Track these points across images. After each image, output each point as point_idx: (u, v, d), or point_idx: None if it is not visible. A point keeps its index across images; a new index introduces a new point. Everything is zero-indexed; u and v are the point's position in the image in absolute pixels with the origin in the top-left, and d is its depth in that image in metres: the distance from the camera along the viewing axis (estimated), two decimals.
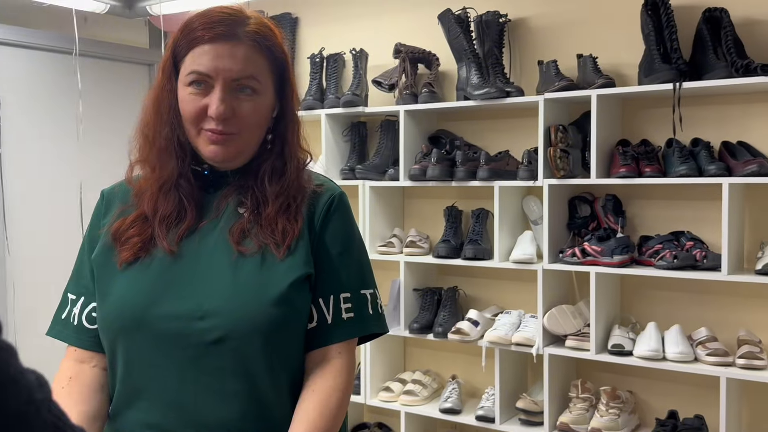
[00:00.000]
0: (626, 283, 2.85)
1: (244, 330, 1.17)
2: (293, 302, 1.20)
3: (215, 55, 1.19)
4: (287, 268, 1.20)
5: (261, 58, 1.22)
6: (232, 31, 1.19)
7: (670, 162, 2.59)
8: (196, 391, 1.18)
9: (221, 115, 1.19)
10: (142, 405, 1.21)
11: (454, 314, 3.02)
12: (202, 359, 1.17)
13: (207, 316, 1.17)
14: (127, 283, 1.22)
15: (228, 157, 1.23)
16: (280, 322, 1.18)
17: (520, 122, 3.01)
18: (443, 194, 3.19)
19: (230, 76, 1.19)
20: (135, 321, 1.19)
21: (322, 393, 1.22)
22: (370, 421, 3.41)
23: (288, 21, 3.56)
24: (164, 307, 1.19)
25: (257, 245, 1.21)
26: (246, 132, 1.22)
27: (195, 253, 1.23)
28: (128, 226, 1.25)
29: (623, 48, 2.79)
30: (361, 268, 1.29)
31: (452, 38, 2.95)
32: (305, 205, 1.26)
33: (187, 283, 1.20)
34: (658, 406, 2.78)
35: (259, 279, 1.19)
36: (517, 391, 2.93)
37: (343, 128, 3.33)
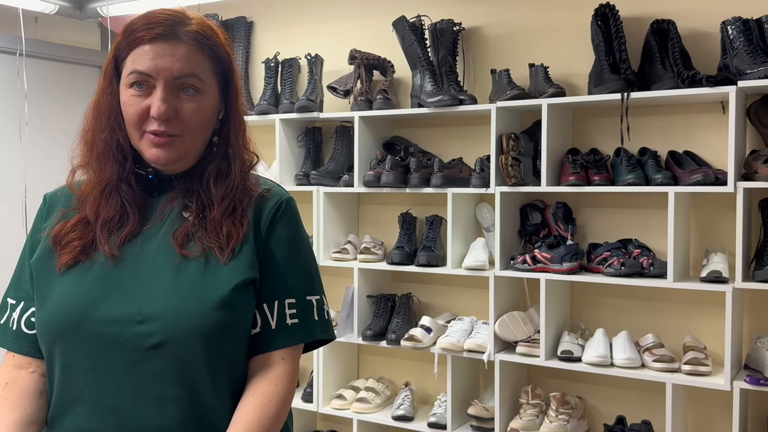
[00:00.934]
0: (576, 289, 2.88)
1: (184, 334, 1.15)
2: (236, 306, 1.18)
3: (155, 54, 1.18)
4: (230, 271, 1.19)
5: (203, 57, 1.21)
6: (173, 30, 1.19)
7: (618, 171, 2.63)
8: (135, 396, 1.15)
9: (162, 115, 1.17)
10: (80, 411, 1.18)
11: (408, 321, 3.02)
12: (141, 364, 1.15)
13: (146, 321, 1.15)
14: (66, 286, 1.20)
15: (171, 159, 1.21)
16: (222, 327, 1.17)
17: (473, 130, 3.03)
18: (398, 201, 3.19)
19: (170, 74, 1.18)
20: (73, 325, 1.17)
21: (261, 397, 1.20)
22: (323, 429, 3.39)
23: (243, 25, 3.54)
24: (103, 311, 1.17)
25: (201, 249, 1.20)
26: (189, 133, 1.21)
27: (137, 257, 1.21)
28: (69, 229, 1.23)
29: (574, 58, 2.83)
30: (307, 273, 1.28)
31: (406, 45, 2.96)
32: (251, 209, 1.24)
33: (128, 286, 1.18)
34: (607, 412, 2.82)
35: (202, 282, 1.18)
36: (469, 397, 2.94)
37: (298, 133, 3.31)
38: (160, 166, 1.23)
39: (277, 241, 1.25)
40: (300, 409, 3.21)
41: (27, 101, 3.10)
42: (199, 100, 1.20)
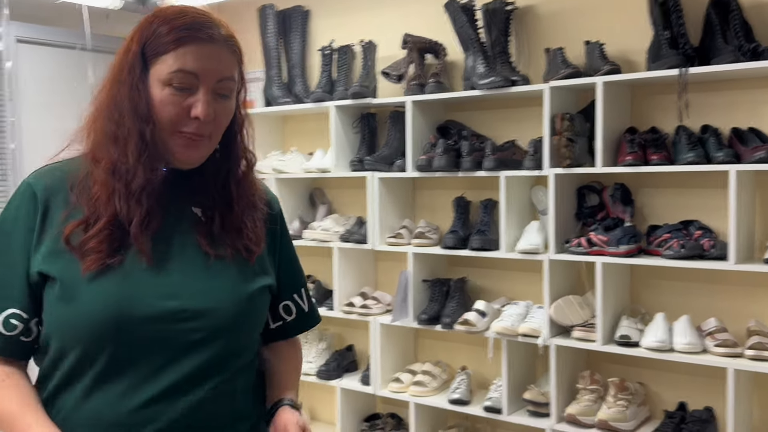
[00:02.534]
0: (636, 273, 2.80)
1: (227, 328, 1.22)
2: (260, 303, 1.30)
3: (201, 55, 1.18)
4: (256, 273, 1.29)
5: (234, 60, 1.24)
6: (216, 34, 1.20)
7: (678, 149, 2.54)
8: (189, 391, 1.18)
9: (208, 117, 1.18)
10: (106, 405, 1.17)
11: (463, 305, 3.01)
12: (180, 359, 1.18)
13: (191, 318, 1.19)
14: (99, 289, 1.16)
15: (202, 159, 1.24)
16: (256, 320, 1.29)
17: (528, 111, 2.97)
18: (453, 185, 3.17)
19: (216, 77, 1.19)
20: (115, 326, 1.15)
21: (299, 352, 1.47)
22: (383, 411, 3.42)
23: (300, 14, 3.57)
24: (144, 310, 1.16)
25: (229, 250, 1.26)
26: (217, 134, 1.24)
27: (164, 256, 1.21)
28: (94, 234, 1.17)
29: (632, 34, 2.74)
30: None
31: (458, 27, 2.93)
32: (266, 209, 1.34)
33: (166, 285, 1.19)
34: (669, 398, 2.74)
35: (236, 281, 1.25)
36: (526, 382, 2.91)
37: (353, 120, 3.33)
38: (188, 165, 1.23)
39: (286, 240, 1.40)
40: (358, 391, 3.25)
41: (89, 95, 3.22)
42: (229, 103, 1.24)
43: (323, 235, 3.30)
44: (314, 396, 3.63)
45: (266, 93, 3.56)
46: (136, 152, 1.18)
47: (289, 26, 3.58)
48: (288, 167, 3.43)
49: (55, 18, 3.44)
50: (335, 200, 3.58)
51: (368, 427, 3.31)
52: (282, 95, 3.49)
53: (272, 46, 3.56)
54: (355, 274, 3.35)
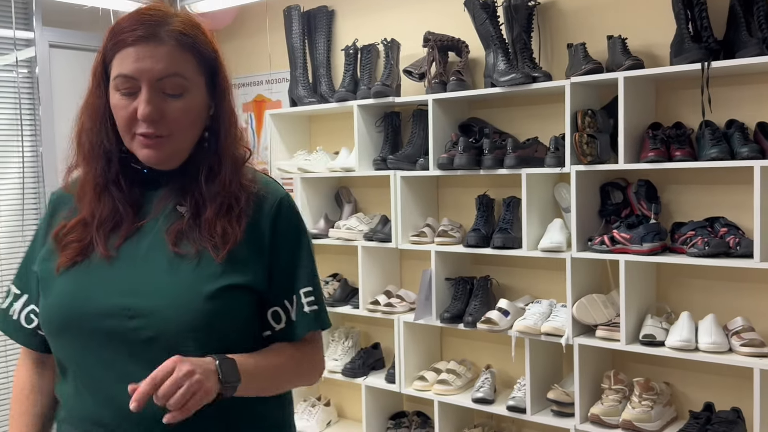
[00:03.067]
0: (662, 271, 2.76)
1: (175, 329, 1.17)
2: (227, 304, 1.20)
3: (137, 56, 1.18)
4: (223, 270, 1.21)
5: (186, 56, 1.21)
6: (154, 31, 1.19)
7: (702, 145, 2.48)
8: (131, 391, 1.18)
9: (147, 117, 1.18)
10: (85, 401, 1.23)
11: (486, 304, 2.99)
12: (136, 356, 1.18)
13: (138, 316, 1.18)
14: (64, 285, 1.24)
15: (162, 159, 1.23)
16: (212, 322, 1.18)
17: (550, 108, 2.94)
18: (477, 183, 3.16)
19: (153, 76, 1.18)
20: (70, 320, 1.21)
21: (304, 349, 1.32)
22: (409, 410, 3.42)
23: (324, 14, 3.59)
24: (97, 306, 1.20)
25: (195, 248, 1.22)
26: (178, 133, 1.22)
27: (132, 253, 1.24)
28: (68, 231, 1.27)
29: (656, 28, 2.69)
30: (313, 263, 1.33)
31: (478, 24, 2.91)
32: (250, 209, 1.26)
33: (121, 282, 1.21)
34: (696, 398, 2.69)
35: (193, 279, 1.20)
36: (550, 381, 2.88)
37: (376, 119, 3.34)
38: (153, 165, 1.25)
39: (282, 239, 1.28)
40: (383, 389, 3.26)
41: None
42: (185, 100, 1.21)
43: (348, 234, 3.31)
44: (341, 393, 3.65)
45: (292, 93, 3.59)
46: (90, 156, 1.26)
47: (314, 26, 3.61)
48: (313, 167, 3.46)
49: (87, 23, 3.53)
50: (361, 199, 3.60)
51: (394, 425, 3.32)
52: (307, 95, 3.52)
53: (297, 46, 3.59)
54: (380, 272, 3.36)
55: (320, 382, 3.68)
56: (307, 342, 1.32)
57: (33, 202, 3.45)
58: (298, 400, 3.59)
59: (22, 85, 3.39)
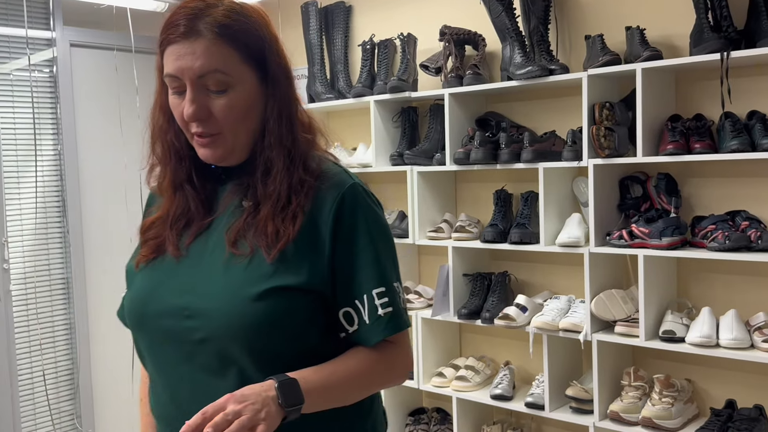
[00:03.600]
0: (682, 266, 2.71)
1: (224, 331, 1.14)
2: (278, 305, 1.14)
3: (178, 54, 1.14)
4: (274, 272, 1.15)
5: (226, 49, 1.14)
6: (193, 26, 1.14)
7: (722, 137, 2.43)
8: (191, 387, 1.18)
9: (192, 117, 1.15)
10: (158, 396, 1.26)
11: (504, 299, 2.97)
12: (194, 357, 1.17)
13: (192, 316, 1.16)
14: (139, 282, 1.25)
15: (219, 157, 1.20)
16: (259, 327, 1.13)
17: (569, 101, 2.90)
18: (495, 177, 3.13)
19: (194, 74, 1.13)
20: (139, 318, 1.23)
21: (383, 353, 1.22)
22: (428, 406, 3.41)
23: (342, 10, 3.59)
24: (160, 305, 1.20)
25: (250, 247, 1.17)
26: (229, 130, 1.17)
27: (199, 252, 1.23)
28: (148, 227, 1.29)
29: (676, 18, 2.64)
30: (390, 258, 1.24)
31: (494, 17, 2.88)
32: (308, 205, 1.18)
33: (183, 281, 1.20)
34: (717, 395, 2.64)
35: (243, 280, 1.15)
36: (569, 378, 2.85)
37: (393, 114, 3.33)
38: (213, 163, 1.22)
39: (348, 234, 1.18)
40: (402, 385, 3.25)
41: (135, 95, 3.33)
42: (229, 96, 1.15)
43: None
44: None
45: (310, 90, 3.59)
46: (170, 154, 1.25)
47: (332, 22, 3.60)
48: None
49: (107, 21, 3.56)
50: (378, 195, 3.53)
51: (413, 422, 3.31)
52: (325, 91, 3.52)
53: (315, 42, 3.59)
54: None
55: None
56: (389, 343, 1.22)
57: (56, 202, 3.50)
58: None
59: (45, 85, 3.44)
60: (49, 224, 3.47)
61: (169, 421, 1.21)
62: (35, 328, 3.45)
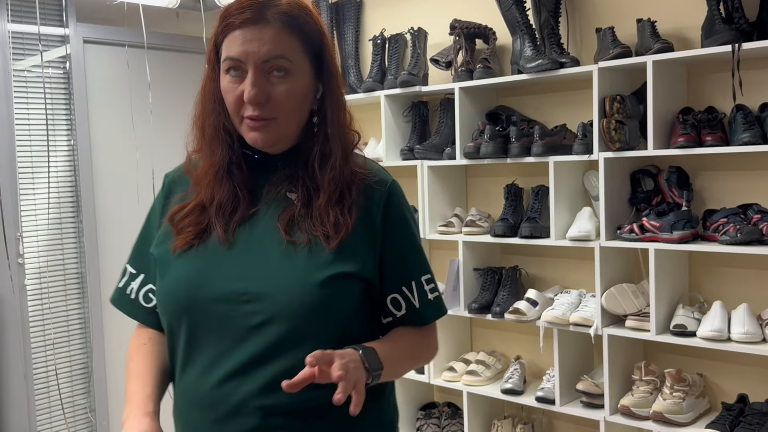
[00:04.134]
0: (694, 260, 2.69)
1: (286, 314, 1.18)
2: (337, 291, 1.20)
3: (244, 39, 1.19)
4: (334, 260, 1.21)
5: (291, 37, 1.20)
6: (260, 14, 1.19)
7: (734, 129, 2.41)
8: (237, 371, 1.20)
9: (253, 99, 1.19)
10: (188, 379, 1.26)
11: (514, 294, 2.96)
12: (247, 341, 1.20)
13: (252, 300, 1.19)
14: (181, 268, 1.25)
15: (268, 142, 1.23)
16: (322, 309, 1.19)
17: (579, 94, 2.89)
18: (506, 172, 3.12)
19: (259, 58, 1.18)
20: (188, 303, 1.23)
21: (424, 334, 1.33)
22: (439, 401, 3.41)
23: (353, 5, 3.59)
24: (213, 290, 1.22)
25: (306, 237, 1.22)
26: (284, 116, 1.22)
27: (246, 239, 1.25)
28: (186, 214, 1.28)
29: (687, 10, 2.62)
30: (423, 250, 1.35)
31: (504, 11, 2.88)
32: (361, 197, 1.25)
33: (236, 267, 1.22)
34: (730, 390, 2.62)
35: (306, 266, 1.20)
36: (580, 372, 2.84)
37: (404, 109, 3.32)
38: (260, 148, 1.25)
39: (394, 228, 1.27)
40: (413, 380, 3.25)
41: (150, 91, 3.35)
42: (290, 82, 1.20)
43: None
44: None
45: None
46: (213, 140, 1.27)
47: (342, 17, 3.60)
48: None
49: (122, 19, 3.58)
50: None
51: (424, 416, 3.32)
52: None
53: None
54: None
55: None
56: (428, 327, 1.33)
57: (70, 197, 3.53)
58: None
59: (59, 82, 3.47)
60: (63, 219, 3.50)
61: (201, 402, 1.23)
62: (50, 323, 3.48)
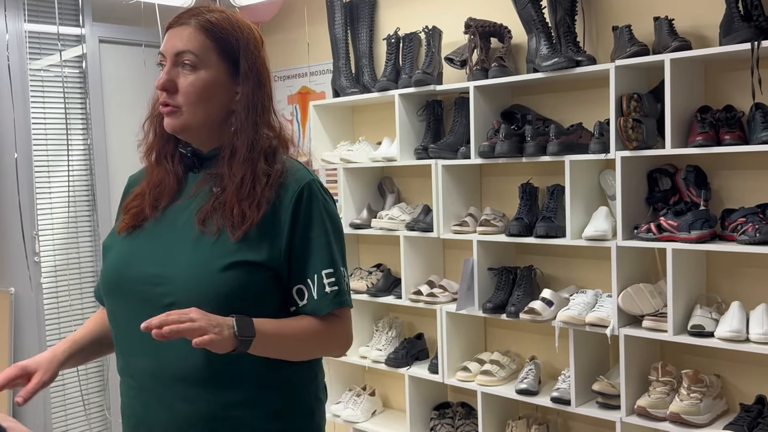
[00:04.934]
0: (712, 260, 2.66)
1: (192, 297, 1.29)
2: (241, 278, 1.31)
3: (169, 37, 1.38)
4: (237, 249, 1.32)
5: (204, 38, 1.36)
6: (187, 19, 1.38)
7: (753, 128, 2.39)
8: (158, 346, 1.27)
9: (161, 86, 1.35)
10: (122, 356, 1.41)
11: (529, 294, 2.95)
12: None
13: (162, 283, 1.33)
14: (118, 248, 1.42)
15: (175, 128, 1.37)
16: (226, 293, 1.30)
17: (596, 93, 2.87)
18: (520, 171, 3.11)
19: (172, 51, 1.36)
20: (116, 282, 1.39)
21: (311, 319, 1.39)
22: (453, 400, 3.40)
23: (367, 4, 3.58)
24: (135, 272, 1.36)
25: (217, 227, 1.34)
26: (187, 105, 1.35)
27: (170, 226, 1.40)
28: (132, 198, 1.46)
29: (705, 8, 2.59)
30: (339, 246, 1.43)
31: (520, 9, 2.86)
32: (273, 194, 1.36)
33: (156, 252, 1.37)
34: (748, 391, 2.59)
35: (211, 253, 1.32)
36: (596, 372, 2.82)
37: (418, 108, 3.32)
38: (172, 133, 1.39)
39: (302, 223, 1.37)
40: (427, 379, 3.24)
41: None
42: (195, 75, 1.35)
43: (390, 224, 3.30)
44: (385, 384, 3.65)
45: (334, 84, 3.59)
46: (152, 130, 1.46)
47: (357, 17, 3.60)
48: (355, 157, 3.46)
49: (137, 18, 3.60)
50: (404, 189, 3.58)
51: (438, 416, 3.31)
52: (350, 86, 3.52)
53: (340, 37, 3.59)
54: (423, 262, 3.34)
55: (365, 372, 3.69)
56: (333, 317, 1.41)
57: (86, 196, 3.55)
58: (343, 389, 3.61)
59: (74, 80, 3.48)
60: (78, 218, 3.52)
61: (133, 377, 1.38)
62: (65, 320, 3.50)
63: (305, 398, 1.43)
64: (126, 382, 1.41)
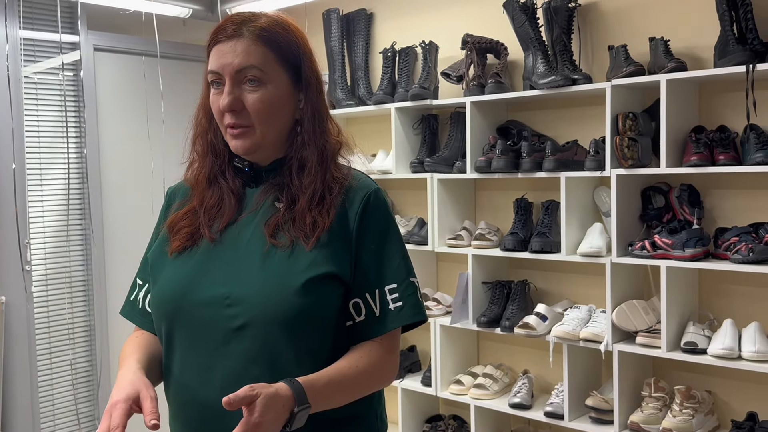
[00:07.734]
0: (704, 278, 2.70)
1: (266, 318, 1.21)
2: (317, 294, 1.23)
3: (221, 53, 1.27)
4: (313, 259, 1.24)
5: (264, 49, 1.27)
6: (237, 30, 1.27)
7: (747, 149, 2.43)
8: (222, 375, 1.24)
9: (228, 107, 1.26)
10: (185, 382, 1.29)
11: (524, 308, 2.97)
12: (229, 344, 1.24)
13: (234, 304, 1.24)
14: (173, 270, 1.32)
15: (248, 149, 1.29)
16: (302, 312, 1.22)
17: (591, 110, 2.91)
18: (515, 186, 3.14)
19: (233, 69, 1.26)
20: (175, 306, 1.28)
21: (357, 353, 1.28)
22: (445, 413, 3.41)
23: (363, 17, 3.60)
24: (199, 294, 1.27)
25: (289, 239, 1.26)
26: (259, 123, 1.27)
27: (233, 243, 1.30)
28: (180, 218, 1.36)
29: (700, 30, 2.64)
30: (403, 259, 1.33)
31: (517, 26, 2.89)
32: (339, 201, 1.29)
33: (221, 271, 1.27)
34: (739, 408, 2.63)
35: (286, 269, 1.24)
36: (589, 388, 2.85)
37: (414, 121, 3.34)
38: (244, 155, 1.31)
39: (369, 233, 1.29)
40: (419, 392, 3.25)
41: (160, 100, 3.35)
42: (263, 91, 1.26)
43: None
44: None
45: (330, 96, 3.60)
46: (204, 151, 1.37)
47: (353, 30, 3.62)
48: None
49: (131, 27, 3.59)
50: (398, 201, 3.60)
51: (430, 429, 3.31)
52: (345, 98, 3.53)
53: (336, 49, 3.60)
54: (417, 275, 3.34)
55: None
56: (384, 340, 1.30)
57: (78, 203, 3.52)
58: None
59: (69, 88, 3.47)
60: (70, 226, 3.50)
61: (188, 405, 1.28)
62: (55, 330, 3.47)
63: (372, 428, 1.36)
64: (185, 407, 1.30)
